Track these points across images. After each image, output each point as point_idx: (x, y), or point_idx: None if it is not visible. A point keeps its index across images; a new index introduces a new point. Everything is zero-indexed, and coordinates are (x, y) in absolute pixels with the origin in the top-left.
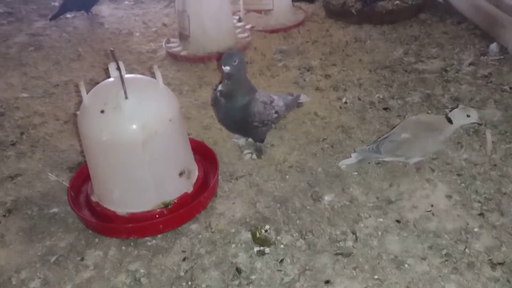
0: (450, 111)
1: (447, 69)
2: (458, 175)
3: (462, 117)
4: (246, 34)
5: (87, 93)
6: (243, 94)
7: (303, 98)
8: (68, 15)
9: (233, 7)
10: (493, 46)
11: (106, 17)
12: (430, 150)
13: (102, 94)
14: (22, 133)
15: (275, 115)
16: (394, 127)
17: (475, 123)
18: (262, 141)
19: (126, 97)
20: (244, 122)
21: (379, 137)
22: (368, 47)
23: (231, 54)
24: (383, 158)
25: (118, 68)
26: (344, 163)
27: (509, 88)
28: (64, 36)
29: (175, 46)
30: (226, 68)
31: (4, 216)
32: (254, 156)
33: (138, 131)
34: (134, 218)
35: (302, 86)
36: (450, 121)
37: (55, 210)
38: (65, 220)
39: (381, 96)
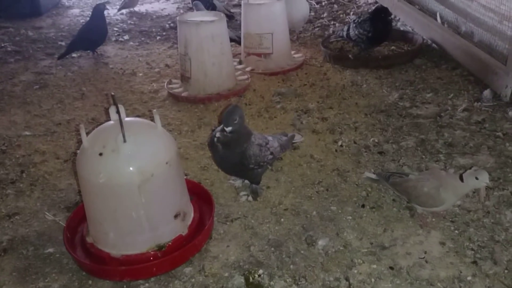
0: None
1: (441, 114)
2: (452, 221)
3: (471, 179)
4: (246, 77)
5: (87, 134)
6: (241, 143)
7: (298, 139)
8: (74, 55)
9: (234, 50)
10: (487, 93)
11: (111, 57)
12: (424, 200)
13: (101, 137)
14: (22, 171)
15: (270, 157)
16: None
17: (485, 186)
18: (257, 183)
19: (125, 141)
20: (240, 165)
21: (398, 171)
22: (364, 91)
23: (230, 113)
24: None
25: (118, 112)
26: (367, 175)
27: (502, 135)
28: (69, 75)
29: (177, 87)
30: (229, 129)
31: None
32: (250, 198)
33: (135, 174)
34: (128, 261)
35: (299, 128)
36: (462, 179)
37: (51, 250)
38: (60, 260)
39: (376, 140)
